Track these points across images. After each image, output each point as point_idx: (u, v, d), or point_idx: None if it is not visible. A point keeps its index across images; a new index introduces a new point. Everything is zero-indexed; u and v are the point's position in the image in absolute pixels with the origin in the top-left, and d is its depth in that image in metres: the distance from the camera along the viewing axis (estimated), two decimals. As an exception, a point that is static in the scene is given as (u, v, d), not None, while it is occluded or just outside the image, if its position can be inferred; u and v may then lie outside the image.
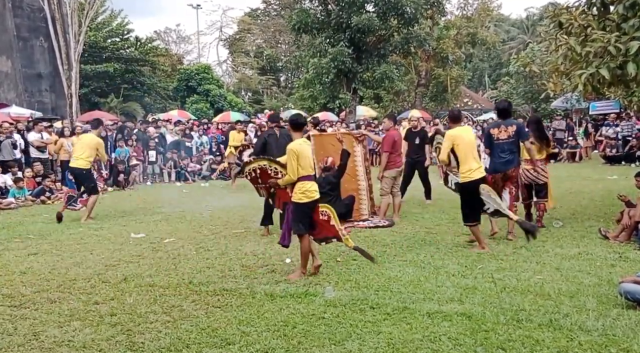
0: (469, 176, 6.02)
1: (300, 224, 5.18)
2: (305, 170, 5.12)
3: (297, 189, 5.14)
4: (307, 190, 5.13)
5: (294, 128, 5.35)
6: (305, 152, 5.16)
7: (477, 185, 5.99)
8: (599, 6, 7.36)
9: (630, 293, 4.16)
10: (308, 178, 5.16)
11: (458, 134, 6.12)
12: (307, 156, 5.17)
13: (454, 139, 6.08)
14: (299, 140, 5.26)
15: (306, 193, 5.13)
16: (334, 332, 3.85)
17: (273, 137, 7.38)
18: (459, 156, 6.10)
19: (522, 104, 31.70)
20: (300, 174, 5.10)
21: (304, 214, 5.18)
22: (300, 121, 5.44)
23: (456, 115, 6.40)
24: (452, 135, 6.12)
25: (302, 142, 5.26)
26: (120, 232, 7.92)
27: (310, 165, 5.19)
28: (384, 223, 7.84)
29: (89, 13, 23.04)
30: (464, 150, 6.02)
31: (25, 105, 23.72)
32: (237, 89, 43.64)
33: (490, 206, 5.98)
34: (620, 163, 16.37)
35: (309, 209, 5.19)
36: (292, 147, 5.10)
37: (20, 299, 4.78)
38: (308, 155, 5.19)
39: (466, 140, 6.06)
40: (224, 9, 78.41)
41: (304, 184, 5.12)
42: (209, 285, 5.02)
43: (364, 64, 23.20)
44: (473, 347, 3.57)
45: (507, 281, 4.91)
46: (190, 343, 3.75)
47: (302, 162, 5.08)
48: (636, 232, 6.21)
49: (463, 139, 6.06)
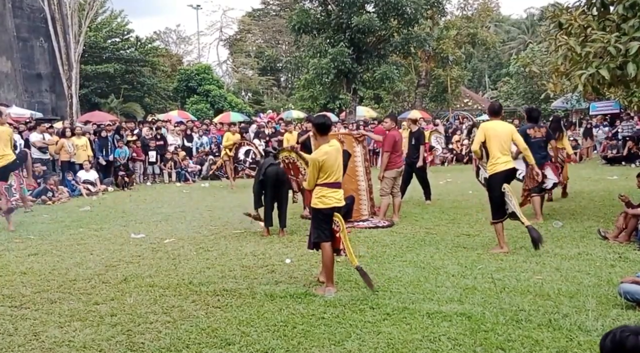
0: (492, 169, 6.01)
1: (319, 230, 4.79)
2: (329, 176, 4.73)
3: (315, 193, 4.81)
4: (324, 195, 4.75)
5: (320, 132, 4.85)
6: (330, 160, 4.71)
7: (500, 177, 5.97)
8: (599, 6, 7.36)
9: (630, 293, 4.16)
10: (330, 185, 4.75)
11: (491, 126, 6.12)
12: (332, 164, 4.72)
13: (486, 131, 6.08)
14: (325, 147, 4.76)
15: (322, 199, 4.75)
16: (334, 332, 3.85)
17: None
18: (488, 148, 6.09)
19: (522, 104, 31.70)
20: (321, 181, 4.75)
21: (320, 221, 4.79)
22: (328, 123, 4.88)
23: (496, 109, 6.29)
24: (485, 127, 6.16)
25: (329, 148, 4.76)
26: (121, 232, 7.93)
27: (333, 172, 4.75)
28: (384, 223, 7.85)
29: (89, 13, 23.08)
30: (494, 142, 6.00)
31: (25, 105, 23.72)
32: (237, 89, 43.65)
33: (509, 207, 5.98)
34: (620, 163, 16.38)
35: (325, 216, 4.77)
36: (317, 157, 4.73)
37: (20, 299, 4.78)
38: (333, 163, 4.73)
39: (498, 133, 6.01)
40: (224, 10, 78.18)
41: (321, 190, 4.76)
42: (209, 286, 5.03)
43: (364, 64, 23.22)
44: (472, 347, 3.57)
45: (506, 281, 4.91)
46: (190, 343, 3.75)
47: (326, 170, 4.72)
48: (636, 232, 6.21)
49: (495, 131, 6.03)
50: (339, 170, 4.82)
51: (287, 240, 7.04)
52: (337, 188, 4.82)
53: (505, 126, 6.26)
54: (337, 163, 4.78)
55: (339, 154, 4.83)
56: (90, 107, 29.07)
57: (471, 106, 35.96)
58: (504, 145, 6.02)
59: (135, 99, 33.35)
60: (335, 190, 4.79)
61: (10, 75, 25.11)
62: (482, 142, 6.10)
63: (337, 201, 4.79)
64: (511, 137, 6.11)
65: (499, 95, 38.07)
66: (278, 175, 7.36)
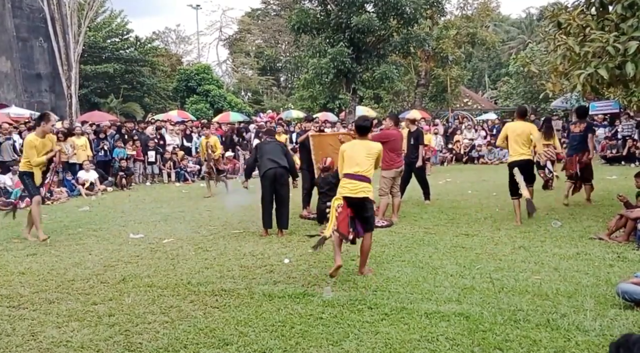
0: (510, 159, 7.73)
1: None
2: (349, 168, 5.27)
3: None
4: (341, 186, 5.31)
5: (360, 133, 5.41)
6: (353, 151, 5.31)
7: (514, 165, 7.57)
8: (598, 6, 7.35)
9: (628, 293, 4.16)
10: (346, 175, 5.29)
11: (511, 126, 7.80)
12: (353, 155, 5.28)
13: (506, 129, 7.78)
14: (355, 141, 5.47)
15: (339, 189, 5.31)
16: (332, 332, 3.85)
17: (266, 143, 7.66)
18: (508, 143, 7.68)
19: (522, 104, 31.69)
20: (344, 171, 5.32)
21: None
22: (366, 125, 5.43)
23: (522, 111, 8.00)
24: (506, 127, 7.91)
25: (357, 142, 5.39)
26: (119, 232, 7.93)
27: (350, 164, 5.27)
28: (383, 223, 7.84)
29: (89, 13, 23.08)
30: (511, 138, 7.61)
31: (24, 105, 23.75)
32: (237, 89, 43.65)
33: (521, 186, 7.44)
34: (620, 163, 16.37)
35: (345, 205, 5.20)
36: (342, 147, 5.50)
37: (18, 300, 4.78)
38: (355, 154, 5.28)
39: (516, 132, 7.56)
40: (224, 9, 78.27)
41: (342, 181, 5.34)
42: (208, 286, 5.03)
43: (364, 64, 23.19)
44: (470, 347, 3.57)
45: (505, 281, 4.91)
46: (188, 343, 3.75)
47: (346, 161, 5.30)
48: (635, 232, 6.21)
49: (514, 130, 7.61)
50: (355, 162, 5.27)
51: (286, 240, 7.04)
52: (351, 179, 5.25)
53: (524, 126, 7.67)
54: (357, 155, 5.28)
55: (362, 149, 5.33)
56: (89, 107, 29.08)
57: (471, 106, 35.91)
58: (519, 141, 7.52)
59: (135, 99, 33.36)
60: (350, 181, 5.25)
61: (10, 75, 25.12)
62: (504, 138, 7.74)
63: (348, 191, 5.22)
64: (529, 134, 7.54)
65: (499, 95, 38.09)
66: (277, 176, 7.35)
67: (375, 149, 5.37)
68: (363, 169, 5.24)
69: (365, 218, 5.24)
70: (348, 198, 5.20)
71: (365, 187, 5.21)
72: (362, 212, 5.22)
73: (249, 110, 34.28)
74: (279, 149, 7.68)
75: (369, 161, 5.28)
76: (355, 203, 5.20)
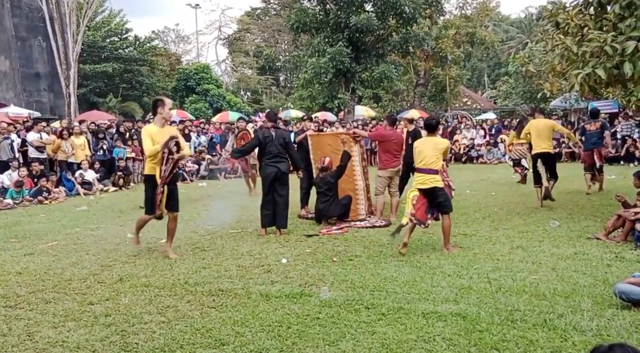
0: (533, 151, 9.09)
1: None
2: (417, 162, 6.18)
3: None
4: (414, 179, 6.28)
5: (428, 130, 6.35)
6: (422, 146, 6.17)
7: (537, 157, 8.99)
8: (596, 6, 7.35)
9: (626, 293, 4.16)
10: (416, 169, 6.27)
11: (534, 123, 9.16)
12: (422, 150, 6.13)
13: (530, 126, 9.23)
14: (425, 137, 6.45)
15: (414, 182, 6.28)
16: (329, 333, 3.84)
17: (269, 139, 7.38)
18: (531, 138, 9.12)
19: (521, 104, 31.68)
20: (415, 166, 6.30)
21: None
22: (432, 123, 6.37)
23: (542, 109, 10.19)
24: (530, 123, 9.31)
25: (427, 139, 6.33)
26: (117, 232, 7.92)
27: (419, 159, 6.15)
28: (381, 223, 7.83)
29: (88, 13, 23.07)
30: (534, 134, 9.02)
31: (23, 105, 23.73)
32: (236, 88, 43.62)
33: (542, 176, 8.93)
34: (619, 163, 16.37)
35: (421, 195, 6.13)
36: (415, 144, 6.42)
37: (15, 299, 4.77)
38: (424, 149, 6.13)
39: (538, 128, 8.96)
40: (223, 9, 78.39)
41: (415, 174, 6.37)
42: (205, 286, 5.02)
43: (363, 63, 23.19)
44: (467, 347, 3.56)
45: (502, 281, 4.91)
46: (184, 343, 3.74)
47: (416, 156, 6.21)
48: (633, 232, 6.20)
49: (536, 126, 9.03)
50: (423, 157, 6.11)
51: (284, 240, 7.03)
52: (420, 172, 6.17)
53: (546, 122, 9.24)
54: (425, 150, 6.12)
55: (429, 144, 6.16)
56: (88, 107, 29.06)
57: (470, 105, 35.91)
58: (540, 136, 8.91)
59: (134, 98, 33.34)
60: (420, 174, 6.18)
61: (9, 74, 25.10)
62: (527, 133, 9.20)
63: (418, 184, 6.18)
64: (551, 129, 9.07)
65: (498, 95, 38.07)
66: (277, 176, 7.33)
67: (443, 144, 6.27)
68: (429, 163, 6.06)
69: (439, 203, 6.10)
70: (420, 191, 6.12)
71: (432, 177, 6.06)
72: (435, 198, 6.09)
73: (248, 109, 34.26)
74: (280, 141, 7.38)
75: (435, 155, 6.06)
76: (427, 193, 6.08)
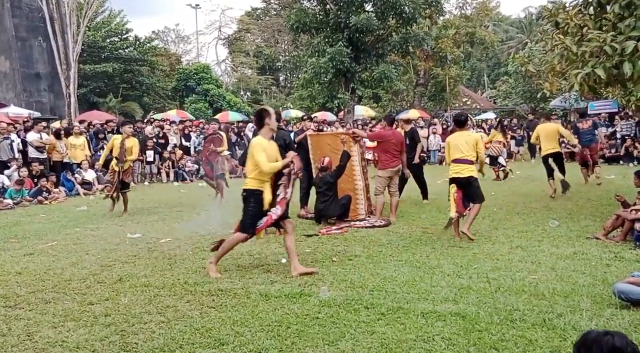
0: (543, 153, 10.16)
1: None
2: (455, 154, 6.61)
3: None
4: (450, 170, 6.71)
5: (458, 126, 6.90)
6: (456, 141, 6.64)
7: (547, 158, 10.00)
8: (596, 6, 7.36)
9: (625, 293, 4.16)
10: (454, 161, 6.64)
11: (541, 127, 10.25)
12: (457, 144, 6.59)
13: (539, 130, 10.24)
14: (456, 134, 6.82)
15: (450, 173, 6.73)
16: (328, 333, 3.85)
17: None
18: (540, 141, 10.10)
19: (521, 104, 31.70)
20: (452, 158, 6.67)
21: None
22: (462, 120, 6.89)
23: (548, 115, 12.21)
24: (538, 128, 10.38)
25: (458, 134, 6.75)
26: (117, 232, 7.92)
27: (456, 152, 6.59)
28: (381, 223, 7.83)
29: (88, 13, 23.10)
30: (543, 137, 10.00)
31: (23, 105, 23.73)
32: (237, 88, 43.63)
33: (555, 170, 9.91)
34: (618, 163, 16.38)
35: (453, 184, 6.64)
36: (447, 140, 6.99)
37: (15, 300, 4.77)
38: (458, 143, 6.59)
39: (546, 132, 9.98)
40: (223, 9, 78.31)
41: (451, 166, 6.74)
42: (205, 286, 5.02)
43: (363, 63, 23.17)
44: (466, 347, 3.56)
45: (502, 281, 4.91)
46: (184, 343, 3.74)
47: (452, 150, 6.66)
48: (632, 232, 6.20)
49: (545, 130, 10.07)
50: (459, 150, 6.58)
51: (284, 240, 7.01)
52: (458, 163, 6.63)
53: (552, 126, 10.27)
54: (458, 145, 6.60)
55: (462, 140, 6.62)
56: (89, 107, 29.06)
57: (470, 105, 35.91)
58: (548, 138, 9.89)
59: (134, 99, 33.34)
60: (453, 165, 6.67)
61: (9, 74, 25.11)
62: (537, 137, 10.15)
63: (454, 173, 6.63)
64: (557, 132, 10.03)
65: (498, 95, 38.07)
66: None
67: (473, 137, 6.76)
68: (466, 154, 6.52)
69: (473, 194, 6.54)
70: (457, 179, 6.54)
71: (469, 167, 6.53)
72: (470, 189, 6.52)
73: (249, 110, 34.26)
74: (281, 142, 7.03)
75: (470, 147, 6.52)
76: (463, 183, 6.52)
